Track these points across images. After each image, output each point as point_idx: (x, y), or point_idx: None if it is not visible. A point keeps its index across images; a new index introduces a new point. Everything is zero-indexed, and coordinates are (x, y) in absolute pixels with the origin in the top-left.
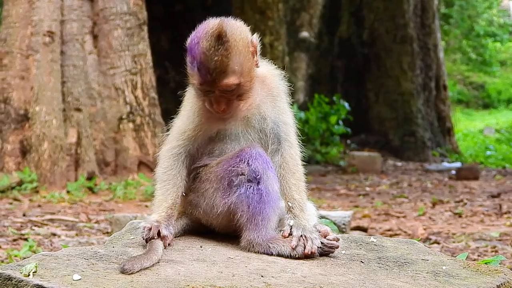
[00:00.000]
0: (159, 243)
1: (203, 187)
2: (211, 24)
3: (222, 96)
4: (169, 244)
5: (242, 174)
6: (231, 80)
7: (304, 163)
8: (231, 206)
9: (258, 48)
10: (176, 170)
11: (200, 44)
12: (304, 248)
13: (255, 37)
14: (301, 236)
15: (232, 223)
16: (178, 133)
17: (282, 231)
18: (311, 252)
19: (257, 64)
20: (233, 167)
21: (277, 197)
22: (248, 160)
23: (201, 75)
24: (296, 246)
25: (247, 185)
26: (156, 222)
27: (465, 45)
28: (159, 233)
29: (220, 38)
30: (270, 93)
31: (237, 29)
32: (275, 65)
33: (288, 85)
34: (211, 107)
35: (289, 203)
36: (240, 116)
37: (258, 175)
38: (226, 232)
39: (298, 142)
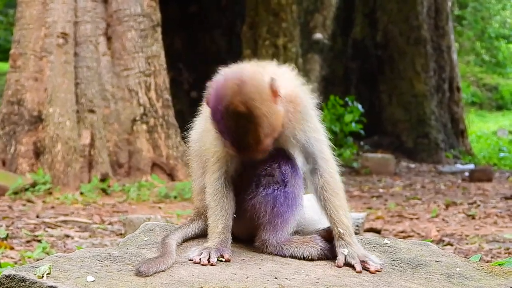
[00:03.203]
0: (173, 246)
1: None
2: (228, 92)
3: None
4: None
5: (271, 175)
6: (265, 144)
7: None
8: (256, 206)
9: (279, 85)
10: (220, 194)
11: (226, 123)
12: (369, 270)
13: (273, 79)
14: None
15: (252, 223)
16: (211, 157)
17: (336, 261)
18: (379, 270)
19: (276, 100)
20: (263, 169)
21: (300, 203)
22: (279, 162)
23: (235, 149)
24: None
25: (275, 186)
26: (207, 249)
27: (479, 46)
28: (209, 259)
29: (243, 115)
30: (299, 110)
31: (255, 88)
32: (290, 65)
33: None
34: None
35: (340, 229)
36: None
37: (286, 178)
38: (245, 235)
39: (334, 156)
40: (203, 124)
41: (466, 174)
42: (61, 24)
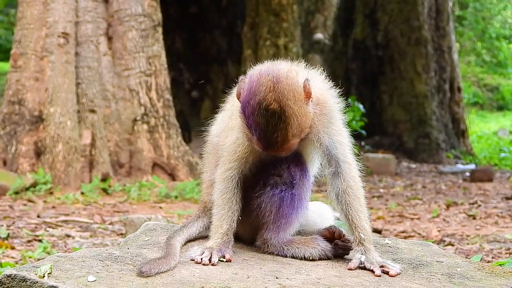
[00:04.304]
0: (177, 248)
1: None
2: (262, 88)
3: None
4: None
5: (279, 175)
6: (292, 143)
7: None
8: (262, 205)
9: (312, 85)
10: (231, 194)
11: (256, 118)
12: (388, 273)
13: (306, 79)
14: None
15: (255, 222)
16: (229, 154)
17: (349, 263)
18: (398, 273)
19: (308, 102)
20: (273, 169)
21: (305, 206)
22: (289, 164)
23: (262, 145)
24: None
25: (282, 187)
26: (209, 249)
27: (480, 47)
28: (210, 259)
29: (275, 112)
30: (325, 113)
31: (289, 87)
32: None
33: None
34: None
35: (361, 234)
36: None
37: (294, 180)
38: (246, 233)
39: (356, 160)
40: (226, 120)
41: (467, 174)
42: (62, 24)
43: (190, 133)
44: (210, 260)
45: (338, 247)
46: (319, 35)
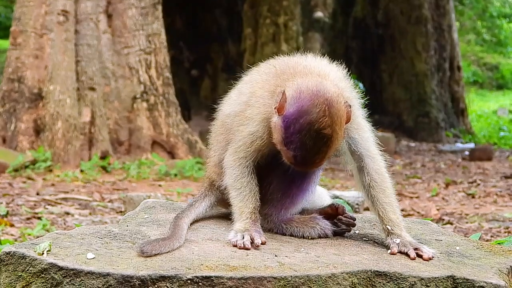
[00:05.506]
0: (184, 230)
1: None
2: (315, 110)
3: None
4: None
5: None
6: (324, 162)
7: None
8: (272, 183)
9: (355, 106)
10: (249, 178)
11: (302, 138)
12: (422, 257)
13: (348, 105)
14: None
15: (262, 198)
16: (245, 144)
17: (389, 249)
18: (431, 257)
19: (349, 120)
20: None
21: (312, 190)
22: None
23: (295, 162)
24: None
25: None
26: (246, 231)
27: (480, 26)
28: (252, 241)
29: (325, 137)
30: None
31: (339, 112)
32: (289, 45)
33: None
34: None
35: (388, 226)
36: None
37: None
38: None
39: (380, 153)
40: (242, 106)
41: (466, 153)
42: (62, 2)
43: (189, 111)
44: (252, 243)
45: (341, 222)
46: (319, 13)
